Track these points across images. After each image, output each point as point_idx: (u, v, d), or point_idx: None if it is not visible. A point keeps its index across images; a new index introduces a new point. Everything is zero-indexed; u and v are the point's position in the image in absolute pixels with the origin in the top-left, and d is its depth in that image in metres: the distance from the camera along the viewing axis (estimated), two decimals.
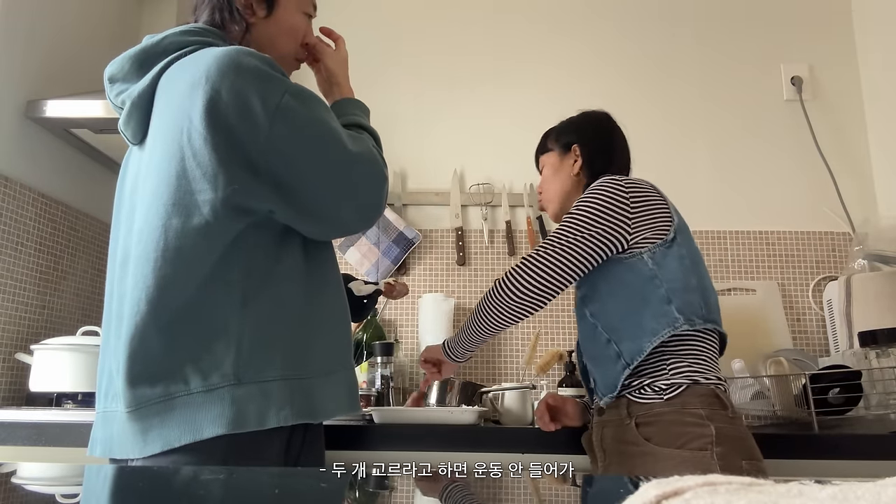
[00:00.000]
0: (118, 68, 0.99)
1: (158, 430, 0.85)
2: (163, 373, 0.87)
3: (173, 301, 0.87)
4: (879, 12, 2.10)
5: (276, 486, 0.54)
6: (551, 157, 1.41)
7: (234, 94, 0.86)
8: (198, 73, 0.88)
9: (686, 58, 2.21)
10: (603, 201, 1.17)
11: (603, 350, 1.18)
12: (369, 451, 1.34)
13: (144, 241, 0.90)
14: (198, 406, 0.85)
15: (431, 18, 2.27)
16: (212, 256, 0.88)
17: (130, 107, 0.96)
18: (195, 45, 0.96)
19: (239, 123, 0.86)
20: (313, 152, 0.90)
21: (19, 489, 0.59)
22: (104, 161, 2.00)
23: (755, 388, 1.60)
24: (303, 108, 0.91)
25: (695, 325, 1.13)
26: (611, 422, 1.19)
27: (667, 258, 1.16)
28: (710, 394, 1.10)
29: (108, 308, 0.99)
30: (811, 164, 2.08)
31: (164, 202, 0.89)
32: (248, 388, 0.87)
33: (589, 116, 1.40)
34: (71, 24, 1.91)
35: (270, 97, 0.88)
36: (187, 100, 0.87)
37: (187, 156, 0.87)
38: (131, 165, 1.02)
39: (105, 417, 0.94)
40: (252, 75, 0.88)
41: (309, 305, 0.96)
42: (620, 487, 0.20)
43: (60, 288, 1.85)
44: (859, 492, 0.21)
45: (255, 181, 0.88)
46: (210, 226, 0.87)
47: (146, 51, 0.97)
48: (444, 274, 2.09)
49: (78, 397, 1.63)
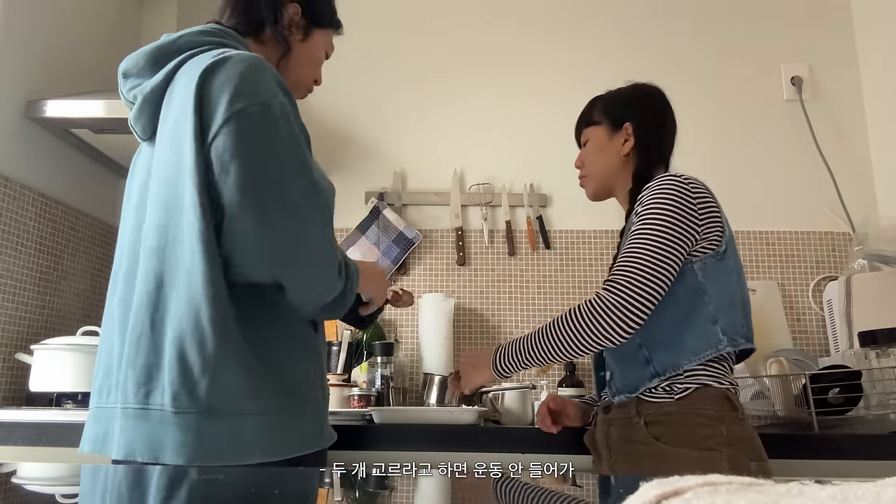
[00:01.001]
0: (132, 63, 0.99)
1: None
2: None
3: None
4: (879, 12, 2.10)
5: (276, 487, 0.54)
6: (598, 131, 1.28)
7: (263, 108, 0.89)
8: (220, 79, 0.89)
9: (686, 58, 2.21)
10: (678, 212, 1.08)
11: (632, 351, 1.13)
12: (369, 451, 1.34)
13: (150, 237, 0.91)
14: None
15: (432, 19, 2.27)
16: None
17: (142, 102, 0.97)
18: (210, 45, 0.98)
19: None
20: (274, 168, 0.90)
21: (19, 489, 0.59)
22: (104, 161, 2.00)
23: (755, 388, 1.60)
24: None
25: (737, 346, 1.10)
26: (618, 420, 1.18)
27: (717, 272, 1.11)
28: (722, 395, 1.09)
29: (111, 305, 0.99)
30: (811, 164, 2.08)
31: (165, 200, 0.90)
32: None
33: (642, 91, 1.28)
34: (71, 25, 1.91)
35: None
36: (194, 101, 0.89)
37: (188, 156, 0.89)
38: (141, 161, 1.03)
39: (110, 413, 0.92)
40: (287, 100, 0.92)
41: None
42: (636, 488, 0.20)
43: (60, 288, 1.85)
44: (859, 492, 0.21)
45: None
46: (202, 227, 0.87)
47: (161, 48, 0.98)
48: (444, 274, 2.09)
49: (78, 397, 1.63)
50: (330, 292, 0.95)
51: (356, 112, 2.19)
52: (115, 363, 0.94)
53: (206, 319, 0.85)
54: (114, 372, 0.93)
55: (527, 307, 2.05)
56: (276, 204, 0.87)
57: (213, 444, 0.85)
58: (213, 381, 0.85)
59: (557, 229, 2.11)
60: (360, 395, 1.58)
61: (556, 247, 2.09)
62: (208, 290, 0.86)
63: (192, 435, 0.84)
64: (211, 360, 0.85)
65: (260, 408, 0.89)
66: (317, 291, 0.94)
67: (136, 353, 0.88)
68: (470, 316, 2.06)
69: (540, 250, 2.09)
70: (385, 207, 2.09)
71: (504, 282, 2.07)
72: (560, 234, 2.10)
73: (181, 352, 0.85)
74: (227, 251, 0.87)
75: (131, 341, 0.89)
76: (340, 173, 2.11)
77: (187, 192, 0.87)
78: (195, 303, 0.86)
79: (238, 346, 0.88)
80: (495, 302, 2.06)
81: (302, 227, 0.89)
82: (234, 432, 0.86)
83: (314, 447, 0.98)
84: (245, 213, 0.86)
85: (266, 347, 0.92)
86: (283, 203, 0.88)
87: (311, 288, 0.93)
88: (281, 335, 0.96)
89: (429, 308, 1.94)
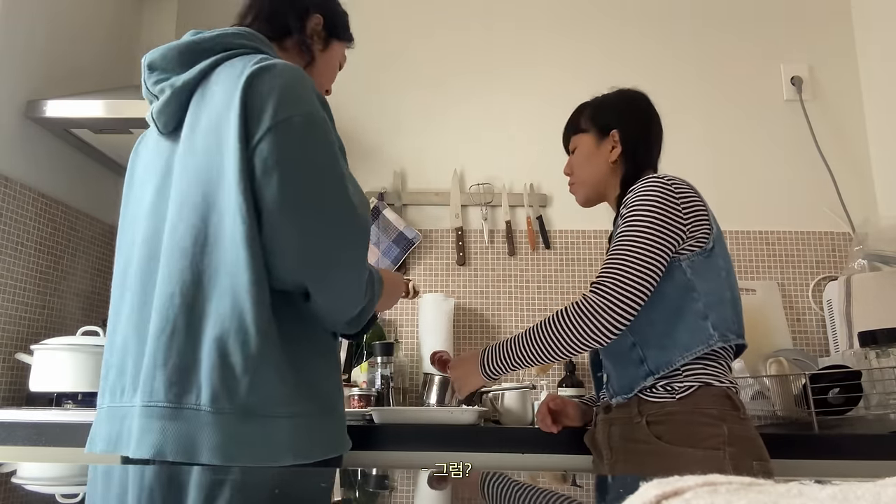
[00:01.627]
0: (161, 56, 0.99)
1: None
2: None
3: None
4: (879, 12, 2.10)
5: (276, 486, 0.54)
6: (585, 139, 1.29)
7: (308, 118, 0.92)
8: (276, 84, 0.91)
9: (686, 58, 2.21)
10: (661, 213, 1.10)
11: (625, 351, 1.15)
12: (369, 451, 1.34)
13: (181, 237, 0.90)
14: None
15: (432, 19, 2.27)
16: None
17: (170, 95, 0.97)
18: (245, 48, 0.99)
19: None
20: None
21: (19, 489, 0.59)
22: (104, 161, 2.00)
23: (755, 388, 1.60)
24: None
25: (728, 341, 1.12)
26: (619, 419, 1.18)
27: (705, 268, 1.12)
28: (723, 395, 1.10)
29: (120, 304, 0.98)
30: (811, 164, 2.08)
31: (199, 200, 0.90)
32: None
33: (628, 97, 1.29)
34: (70, 25, 1.91)
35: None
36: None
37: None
38: (152, 157, 1.02)
39: (125, 413, 0.92)
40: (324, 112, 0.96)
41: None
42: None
43: (60, 288, 1.85)
44: (859, 492, 0.21)
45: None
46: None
47: (195, 44, 0.98)
48: (444, 274, 2.09)
49: (78, 397, 1.63)
50: (355, 305, 0.97)
51: (356, 112, 2.19)
52: (130, 363, 0.93)
53: (250, 321, 0.86)
54: (129, 371, 0.93)
55: (527, 307, 2.05)
56: (314, 212, 0.89)
57: (248, 446, 0.85)
58: (252, 382, 0.86)
59: (557, 229, 2.11)
60: (360, 395, 1.58)
61: (556, 247, 2.09)
62: (254, 293, 0.86)
63: (228, 436, 0.84)
64: (253, 362, 0.86)
65: (292, 412, 0.90)
66: (343, 302, 0.96)
67: (168, 352, 0.87)
68: (470, 316, 2.06)
69: (540, 250, 2.09)
70: (385, 207, 2.09)
71: (504, 282, 2.08)
72: (560, 234, 2.10)
73: (223, 352, 0.85)
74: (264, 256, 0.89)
75: (160, 341, 0.87)
76: None
77: (231, 195, 0.87)
78: (239, 305, 0.86)
79: (277, 350, 0.88)
80: (495, 302, 2.06)
81: (338, 237, 0.91)
82: (268, 434, 0.87)
83: (336, 452, 0.99)
84: (284, 219, 0.87)
85: (298, 354, 0.93)
86: (322, 212, 0.90)
87: (339, 297, 0.95)
88: (311, 343, 0.97)
89: (429, 308, 1.94)
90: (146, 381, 0.88)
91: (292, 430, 0.89)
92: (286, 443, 0.88)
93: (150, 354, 0.88)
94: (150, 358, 0.88)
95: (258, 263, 0.87)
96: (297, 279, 0.91)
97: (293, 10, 1.10)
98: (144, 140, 1.09)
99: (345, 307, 0.97)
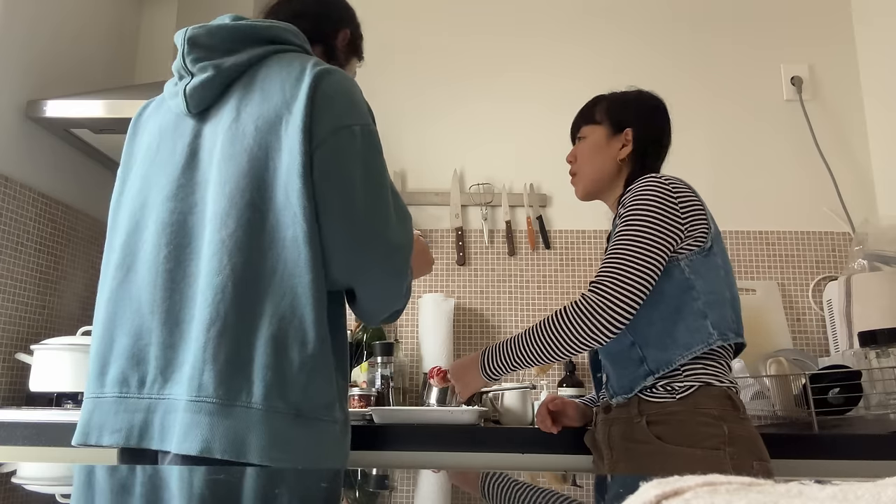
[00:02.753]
0: (207, 34, 0.96)
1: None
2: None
3: None
4: (879, 12, 2.10)
5: (276, 486, 0.54)
6: (597, 131, 1.27)
7: (367, 132, 0.94)
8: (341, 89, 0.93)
9: (686, 58, 2.21)
10: (659, 213, 1.10)
11: (625, 351, 1.15)
12: (369, 451, 1.34)
13: (231, 226, 0.87)
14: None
15: (432, 19, 2.27)
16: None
17: (214, 76, 0.94)
18: (294, 46, 1.00)
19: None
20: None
21: (19, 489, 0.59)
22: (104, 161, 2.00)
23: (755, 388, 1.60)
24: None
25: (728, 340, 1.12)
26: (619, 419, 1.18)
27: (704, 268, 1.12)
28: (723, 395, 1.10)
29: (129, 286, 0.93)
30: (811, 164, 2.09)
31: (250, 191, 0.89)
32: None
33: (648, 100, 1.28)
34: (71, 24, 1.91)
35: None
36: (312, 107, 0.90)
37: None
38: (170, 131, 0.98)
39: (149, 405, 0.88)
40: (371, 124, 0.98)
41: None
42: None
43: (60, 288, 1.85)
44: (859, 492, 0.21)
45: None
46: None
47: (244, 30, 0.97)
48: (444, 274, 2.09)
49: (78, 397, 1.62)
50: (395, 306, 1.00)
51: None
52: (153, 352, 0.89)
53: (309, 321, 0.85)
54: (151, 361, 0.89)
55: (527, 307, 2.05)
56: (368, 215, 0.90)
57: (298, 447, 0.85)
58: (307, 383, 0.86)
59: (557, 229, 2.11)
60: (360, 395, 1.58)
61: (556, 247, 2.09)
62: (314, 294, 0.86)
63: (276, 436, 0.83)
64: (308, 363, 0.86)
65: (334, 416, 0.90)
66: (385, 303, 0.99)
67: (218, 346, 0.84)
68: (470, 316, 2.06)
69: (540, 250, 2.09)
70: None
71: (504, 282, 2.08)
72: (560, 234, 2.10)
73: (280, 350, 0.84)
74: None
75: (210, 335, 0.84)
76: None
77: (293, 194, 0.86)
78: (299, 304, 0.86)
79: (329, 352, 0.89)
80: (495, 302, 2.06)
81: (389, 240, 0.92)
82: (315, 437, 0.87)
83: (345, 462, 0.99)
84: (340, 219, 0.89)
85: (340, 358, 0.94)
86: (375, 215, 0.91)
87: (380, 299, 0.98)
88: (343, 349, 0.97)
89: (429, 308, 1.94)
90: (194, 376, 0.84)
91: (335, 434, 0.90)
92: (329, 447, 0.88)
93: (197, 347, 0.85)
94: (197, 351, 0.85)
95: (318, 265, 0.87)
96: (347, 282, 0.93)
97: (331, 20, 1.13)
98: (150, 115, 1.05)
99: (385, 309, 1.00)
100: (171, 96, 0.99)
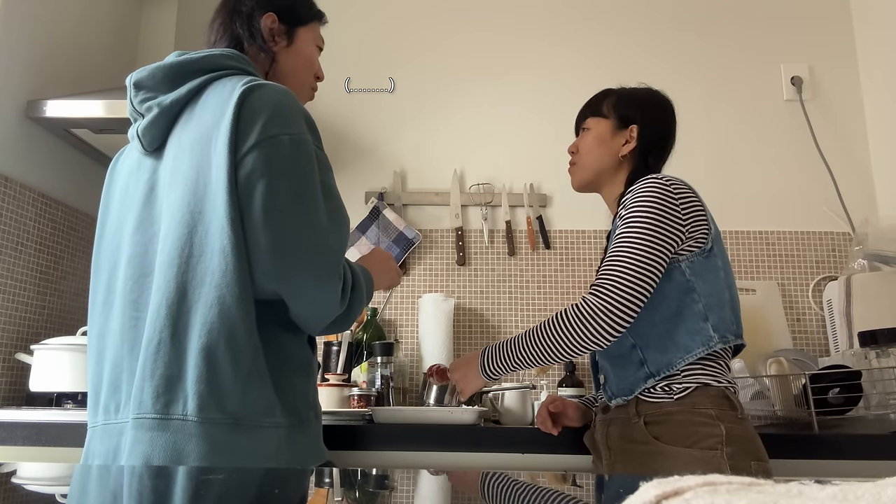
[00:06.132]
0: (148, 76, 1.00)
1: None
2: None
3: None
4: (879, 12, 2.10)
5: (276, 486, 0.54)
6: (602, 124, 1.26)
7: (300, 141, 0.93)
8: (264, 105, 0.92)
9: (686, 58, 2.21)
10: (660, 214, 1.09)
11: (625, 353, 1.15)
12: (369, 451, 1.34)
13: (170, 250, 0.90)
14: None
15: (433, 20, 2.27)
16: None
17: (158, 114, 0.98)
18: (233, 69, 1.00)
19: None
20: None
21: (19, 489, 0.59)
22: (104, 161, 2.00)
23: (755, 388, 1.60)
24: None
25: (728, 342, 1.12)
26: (617, 419, 1.18)
27: (704, 269, 1.12)
28: (721, 395, 1.09)
29: (107, 318, 0.97)
30: (811, 164, 2.09)
31: (185, 213, 0.91)
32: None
33: (656, 97, 1.28)
34: (71, 24, 1.91)
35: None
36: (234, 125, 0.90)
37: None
38: (134, 174, 1.02)
39: (121, 429, 0.91)
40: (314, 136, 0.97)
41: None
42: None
43: (60, 288, 1.85)
44: (859, 492, 0.21)
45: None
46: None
47: (182, 65, 0.99)
48: (444, 274, 2.09)
49: (78, 397, 1.63)
50: (331, 314, 0.97)
51: (357, 112, 2.19)
52: (125, 379, 0.92)
53: (240, 332, 0.86)
54: (123, 388, 0.92)
55: (527, 307, 2.05)
56: (290, 221, 0.90)
57: (236, 456, 0.85)
58: (243, 392, 0.86)
59: (557, 229, 2.11)
60: (360, 395, 1.58)
61: (556, 247, 2.09)
62: (242, 303, 0.87)
63: (215, 445, 0.84)
64: (243, 371, 0.87)
65: (277, 422, 0.90)
66: (317, 311, 0.95)
67: (155, 363, 0.87)
68: (470, 316, 2.06)
69: (540, 250, 2.09)
70: (385, 207, 2.09)
71: (504, 282, 2.08)
72: (560, 234, 2.10)
73: (211, 362, 0.85)
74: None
75: (147, 352, 0.87)
76: (340, 173, 2.10)
77: (218, 206, 0.88)
78: (228, 315, 0.86)
79: (263, 360, 0.89)
80: (495, 302, 2.06)
81: (312, 245, 0.91)
82: (255, 444, 0.87)
83: (315, 462, 0.99)
84: (261, 228, 0.88)
85: (280, 364, 0.93)
86: (298, 221, 0.90)
87: (311, 306, 0.95)
88: (289, 353, 0.97)
89: (429, 308, 1.94)
90: (136, 394, 0.88)
91: (278, 439, 0.90)
92: (272, 453, 0.89)
93: (140, 367, 0.88)
94: (139, 371, 0.88)
95: (245, 273, 0.87)
96: (272, 288, 0.91)
97: (239, 20, 1.08)
98: (122, 160, 1.09)
99: (319, 316, 0.96)
100: (132, 139, 1.03)
